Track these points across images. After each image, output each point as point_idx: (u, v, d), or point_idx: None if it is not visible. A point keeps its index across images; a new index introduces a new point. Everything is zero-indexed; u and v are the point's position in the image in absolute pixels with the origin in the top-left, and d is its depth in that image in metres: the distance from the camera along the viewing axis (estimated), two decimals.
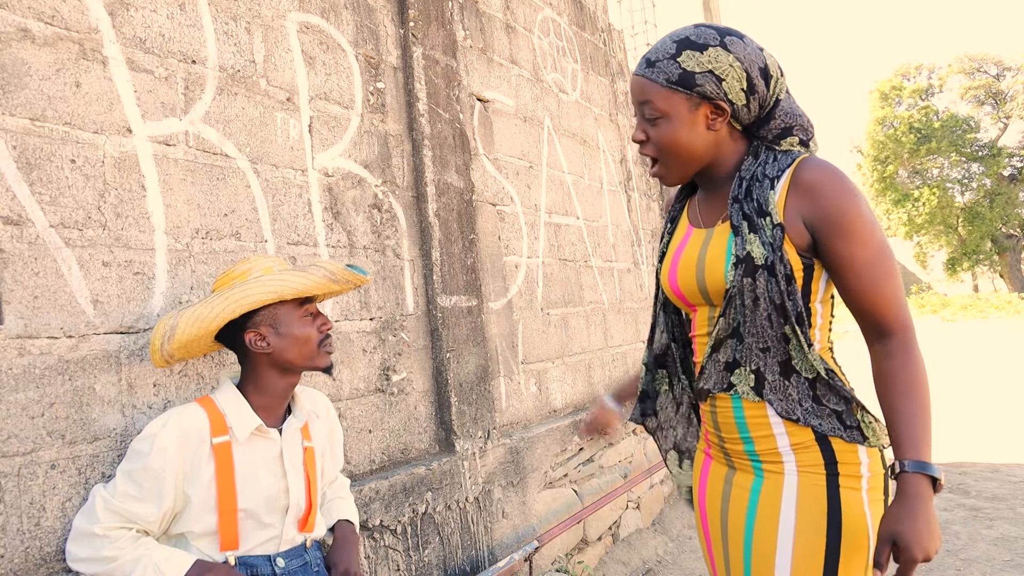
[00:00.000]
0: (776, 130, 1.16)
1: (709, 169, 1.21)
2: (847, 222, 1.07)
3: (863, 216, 1.07)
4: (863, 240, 1.07)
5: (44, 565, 1.31)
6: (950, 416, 6.26)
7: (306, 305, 1.45)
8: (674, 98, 1.13)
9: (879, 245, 1.08)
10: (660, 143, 1.17)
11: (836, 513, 1.08)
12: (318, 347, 1.45)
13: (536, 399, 2.97)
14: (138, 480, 1.27)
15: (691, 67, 1.11)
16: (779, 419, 1.13)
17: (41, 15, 1.42)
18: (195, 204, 1.67)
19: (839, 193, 1.08)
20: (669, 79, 1.12)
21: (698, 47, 1.11)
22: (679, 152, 1.16)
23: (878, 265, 1.07)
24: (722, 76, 1.10)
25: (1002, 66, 25.65)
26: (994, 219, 23.28)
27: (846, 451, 1.10)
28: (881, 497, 1.11)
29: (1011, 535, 3.33)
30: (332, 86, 2.14)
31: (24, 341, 1.33)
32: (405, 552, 2.09)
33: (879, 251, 1.08)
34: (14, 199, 1.33)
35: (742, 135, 1.19)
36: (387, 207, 2.30)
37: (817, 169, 1.10)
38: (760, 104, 1.14)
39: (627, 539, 3.42)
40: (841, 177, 1.09)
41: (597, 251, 3.71)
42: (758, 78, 1.12)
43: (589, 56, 3.96)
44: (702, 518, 1.29)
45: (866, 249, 1.07)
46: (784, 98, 1.16)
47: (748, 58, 1.11)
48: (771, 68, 1.14)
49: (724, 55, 1.10)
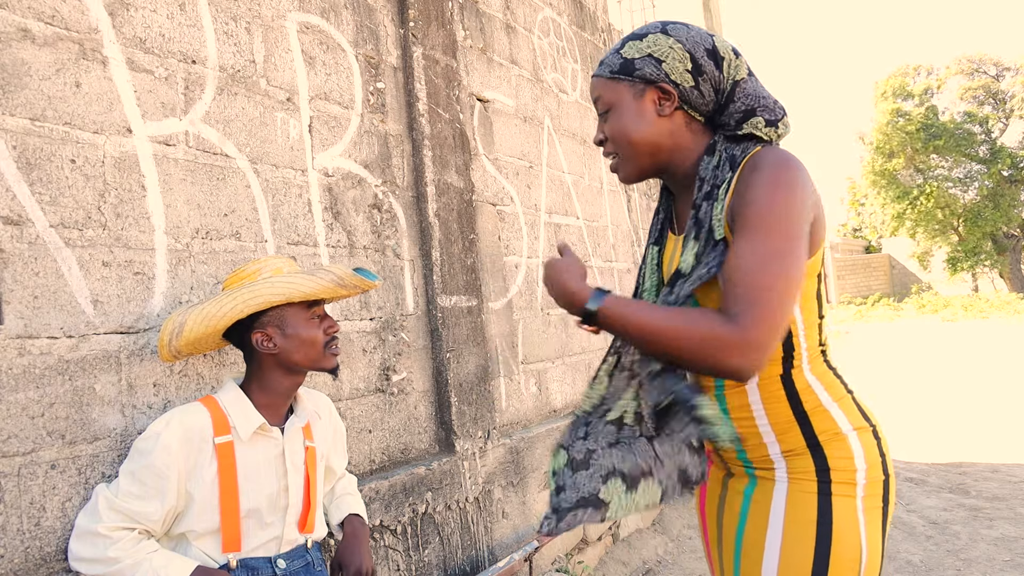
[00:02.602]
0: (737, 113, 1.09)
1: (671, 167, 1.15)
2: (752, 213, 0.98)
3: (773, 210, 0.97)
4: (757, 229, 0.96)
5: (44, 565, 1.31)
6: (950, 416, 6.26)
7: (314, 308, 1.46)
8: (619, 87, 1.12)
9: (776, 239, 0.96)
10: (612, 135, 1.14)
11: (827, 522, 1.03)
12: (324, 349, 1.46)
13: (536, 399, 2.97)
14: (141, 478, 1.27)
15: (631, 55, 1.11)
16: (768, 426, 1.09)
17: (41, 15, 1.42)
18: (195, 204, 1.67)
19: (761, 186, 0.99)
20: (612, 70, 1.13)
21: (639, 36, 1.12)
22: (630, 142, 1.12)
23: (763, 257, 0.95)
24: (661, 58, 1.08)
25: (1001, 66, 25.67)
26: (996, 219, 23.30)
27: (840, 457, 1.05)
28: (879, 504, 1.06)
29: (1011, 535, 3.33)
30: (332, 86, 2.14)
31: (24, 341, 1.33)
32: (405, 552, 2.09)
33: (771, 245, 0.95)
34: (14, 199, 1.34)
35: (705, 128, 1.13)
36: (387, 207, 2.30)
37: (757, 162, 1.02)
38: (714, 87, 1.09)
39: (627, 539, 3.43)
40: (777, 169, 1.00)
41: (597, 251, 3.71)
42: (704, 58, 1.08)
43: (589, 56, 3.96)
44: (702, 521, 1.28)
45: (755, 238, 0.96)
46: (745, 79, 1.09)
47: (691, 39, 1.08)
48: (721, 49, 1.09)
49: (663, 38, 1.09)
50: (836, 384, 1.10)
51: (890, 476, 1.09)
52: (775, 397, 1.08)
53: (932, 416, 6.32)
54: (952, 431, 5.67)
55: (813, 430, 1.07)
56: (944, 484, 4.28)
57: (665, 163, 1.15)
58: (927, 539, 3.39)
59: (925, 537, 3.42)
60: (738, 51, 1.11)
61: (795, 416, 1.08)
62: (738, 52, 1.10)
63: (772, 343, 0.94)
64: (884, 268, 28.07)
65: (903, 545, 3.33)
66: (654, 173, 1.17)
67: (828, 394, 1.08)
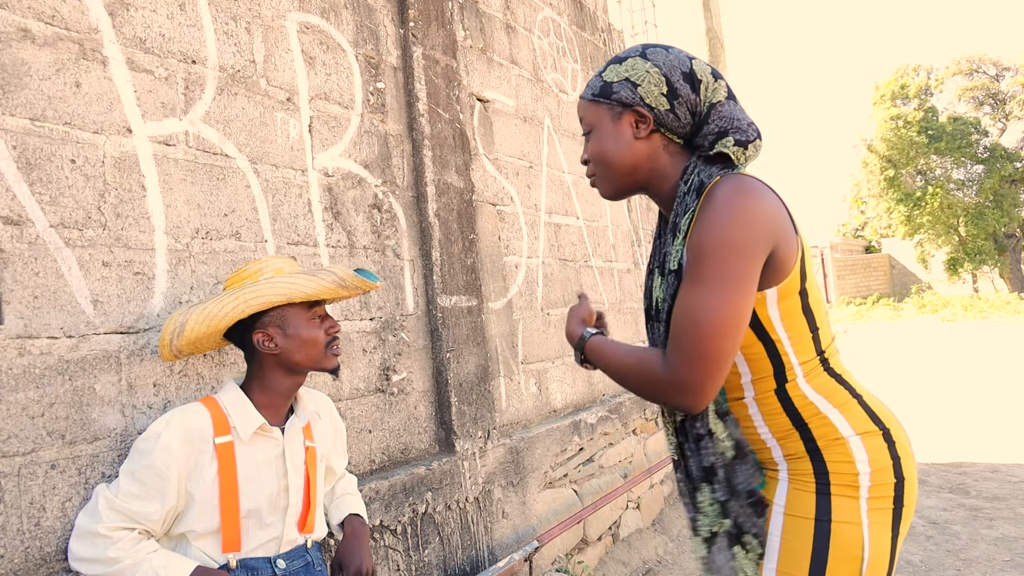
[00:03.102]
0: (711, 135, 1.12)
1: (651, 188, 1.19)
2: (694, 256, 1.02)
3: (715, 252, 1.00)
4: (694, 276, 1.01)
5: (44, 565, 1.31)
6: (950, 416, 6.26)
7: (315, 308, 1.46)
8: (599, 110, 1.18)
9: (712, 284, 0.99)
10: (592, 155, 1.20)
11: (826, 519, 1.05)
12: (325, 349, 1.46)
13: (536, 399, 2.97)
14: (141, 478, 1.27)
15: (610, 78, 1.16)
16: (769, 434, 1.12)
17: (41, 15, 1.42)
18: (195, 204, 1.67)
19: (708, 222, 1.01)
20: (594, 92, 1.18)
21: (619, 60, 1.16)
22: (608, 162, 1.17)
23: (696, 303, 1.00)
24: (637, 82, 1.13)
25: (1001, 67, 25.66)
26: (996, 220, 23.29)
27: (839, 461, 1.07)
28: (888, 506, 1.06)
29: (1011, 535, 3.34)
30: (332, 86, 2.14)
31: (24, 341, 1.33)
32: (405, 552, 2.09)
33: (705, 290, 1.00)
34: (14, 199, 1.34)
35: (683, 150, 1.16)
36: (387, 207, 2.30)
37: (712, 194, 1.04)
38: (691, 110, 1.12)
39: (627, 539, 3.42)
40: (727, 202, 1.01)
41: (597, 251, 3.71)
42: (680, 82, 1.11)
43: (589, 56, 3.96)
44: None
45: (691, 284, 1.02)
46: (722, 102, 1.13)
47: (668, 63, 1.12)
48: (698, 72, 1.12)
49: (641, 63, 1.13)
50: (838, 391, 1.11)
51: (906, 479, 1.08)
52: (773, 410, 1.11)
53: (932, 416, 6.32)
54: (952, 431, 5.67)
55: (812, 435, 1.09)
56: (944, 484, 4.28)
57: (643, 183, 1.19)
58: (927, 539, 3.40)
59: (925, 537, 3.42)
60: (718, 74, 1.14)
61: (794, 425, 1.10)
62: (718, 75, 1.14)
63: (706, 382, 1.01)
64: (884, 268, 28.07)
65: (903, 545, 3.33)
66: (633, 191, 1.22)
67: (828, 402, 1.10)
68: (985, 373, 8.44)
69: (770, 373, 1.10)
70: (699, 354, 1.00)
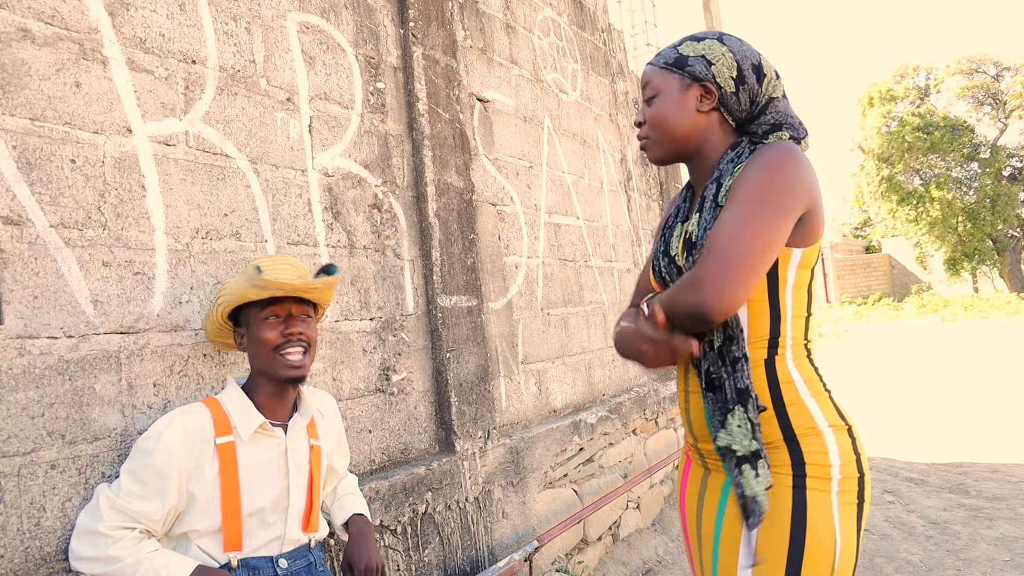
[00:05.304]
0: (766, 125, 1.21)
1: (697, 158, 1.25)
2: (739, 186, 1.10)
3: (759, 184, 1.08)
4: (739, 199, 1.08)
5: (44, 565, 1.31)
6: (950, 416, 6.26)
7: (269, 307, 1.41)
8: (668, 77, 1.23)
9: (753, 206, 1.06)
10: (652, 118, 1.25)
11: (801, 514, 1.06)
12: (273, 351, 1.39)
13: (536, 399, 2.97)
14: (142, 478, 1.27)
15: (687, 52, 1.22)
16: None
17: (41, 15, 1.42)
18: (195, 204, 1.67)
19: (757, 166, 1.10)
20: (667, 62, 1.24)
21: (697, 39, 1.23)
22: (666, 127, 1.23)
23: (736, 219, 1.06)
24: (712, 60, 1.19)
25: (1000, 66, 25.63)
26: (995, 220, 23.27)
27: (815, 452, 1.09)
28: (854, 501, 1.09)
29: (1011, 535, 3.33)
30: (332, 86, 2.14)
31: (24, 341, 1.33)
32: (405, 552, 2.09)
33: (747, 210, 1.06)
34: (14, 199, 1.34)
35: (733, 132, 1.24)
36: (387, 207, 2.30)
37: (763, 149, 1.13)
38: (751, 98, 1.20)
39: (627, 539, 3.42)
40: (777, 152, 1.11)
41: (597, 251, 3.71)
42: (749, 71, 1.19)
43: (589, 56, 3.96)
44: (683, 520, 1.31)
45: (734, 206, 1.08)
46: (779, 100, 1.21)
47: (741, 52, 1.20)
48: (765, 68, 1.20)
49: (718, 45, 1.20)
50: (816, 380, 1.15)
51: (865, 475, 1.12)
52: (758, 383, 1.13)
53: (932, 416, 6.32)
54: (952, 431, 5.67)
55: (790, 423, 1.11)
56: (944, 484, 4.28)
57: (692, 153, 1.25)
58: (927, 539, 3.39)
59: (925, 537, 3.42)
60: (779, 74, 1.23)
61: (773, 407, 1.12)
62: (779, 75, 1.23)
63: (733, 282, 1.03)
64: (884, 268, 28.06)
65: (903, 545, 3.33)
66: (678, 159, 1.28)
67: (808, 388, 1.13)
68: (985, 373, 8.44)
69: (765, 337, 1.13)
70: (728, 257, 1.04)
